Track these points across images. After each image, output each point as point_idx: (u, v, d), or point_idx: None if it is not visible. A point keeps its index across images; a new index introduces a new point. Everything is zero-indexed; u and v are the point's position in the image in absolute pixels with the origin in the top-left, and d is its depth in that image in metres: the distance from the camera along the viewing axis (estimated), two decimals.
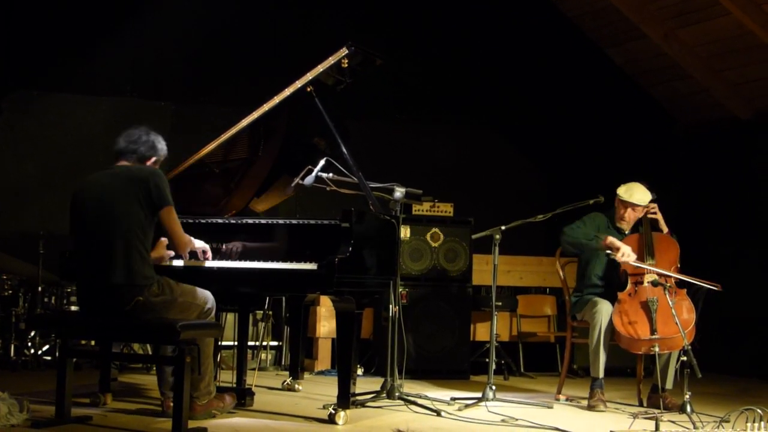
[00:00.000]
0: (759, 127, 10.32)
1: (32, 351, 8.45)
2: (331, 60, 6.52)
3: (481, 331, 9.67)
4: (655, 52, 10.33)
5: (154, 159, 5.99)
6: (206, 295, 5.93)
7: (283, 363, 9.35)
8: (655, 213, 7.55)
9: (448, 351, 9.10)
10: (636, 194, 7.44)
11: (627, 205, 7.46)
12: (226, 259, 6.29)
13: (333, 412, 6.06)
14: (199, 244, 6.12)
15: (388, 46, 8.96)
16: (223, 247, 6.35)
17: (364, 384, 7.71)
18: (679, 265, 7.38)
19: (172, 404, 5.61)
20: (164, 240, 6.06)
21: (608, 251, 7.27)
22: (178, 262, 6.17)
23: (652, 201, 7.49)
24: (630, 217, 7.51)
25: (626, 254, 7.20)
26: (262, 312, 9.08)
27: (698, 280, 7.19)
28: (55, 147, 9.81)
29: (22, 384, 7.27)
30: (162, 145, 6.03)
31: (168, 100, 10.13)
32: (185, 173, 6.72)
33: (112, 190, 5.71)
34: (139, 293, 5.62)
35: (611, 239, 7.30)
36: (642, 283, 7.23)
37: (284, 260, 6.13)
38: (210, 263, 6.23)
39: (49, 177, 9.68)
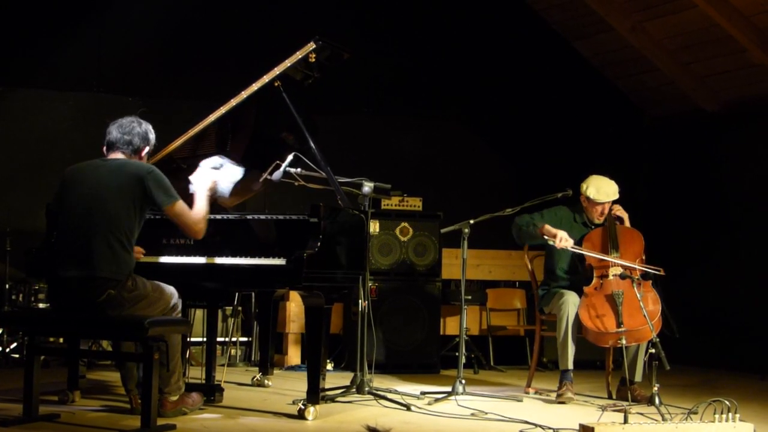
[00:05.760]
0: (725, 120, 10.38)
1: (0, 349, 8.39)
2: (298, 54, 6.51)
3: (450, 325, 9.68)
4: (622, 45, 10.37)
5: (147, 150, 5.92)
6: (171, 291, 5.91)
7: (252, 359, 9.32)
8: (620, 211, 7.56)
9: (418, 345, 9.10)
10: (603, 191, 7.44)
11: (598, 203, 7.46)
12: (195, 255, 6.26)
13: (303, 407, 6.06)
14: (203, 189, 5.98)
15: (356, 40, 8.94)
16: (191, 242, 6.32)
17: (334, 379, 7.70)
18: (644, 258, 7.42)
19: (140, 401, 5.59)
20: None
21: (546, 238, 7.29)
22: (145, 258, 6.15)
23: (614, 201, 7.54)
24: (605, 211, 7.52)
25: (563, 239, 7.22)
26: (231, 308, 9.06)
27: (643, 266, 7.23)
28: (21, 143, 9.74)
29: None
30: (153, 135, 5.95)
31: (135, 95, 10.06)
32: None
33: (107, 186, 5.64)
34: (113, 286, 5.57)
35: (547, 227, 7.33)
36: (607, 276, 7.25)
37: (253, 255, 6.11)
38: (178, 259, 6.21)
39: (15, 173, 9.62)
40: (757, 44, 9.38)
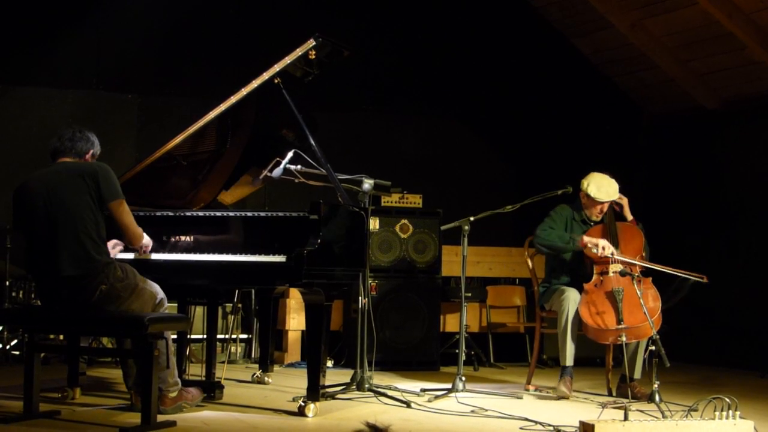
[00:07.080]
0: (725, 117, 10.38)
1: (0, 346, 8.39)
2: (298, 52, 6.50)
3: (450, 322, 9.68)
4: (622, 42, 10.37)
5: (92, 152, 5.99)
6: (156, 286, 5.94)
7: (252, 356, 9.31)
8: (620, 199, 7.56)
9: (418, 342, 9.10)
10: (604, 190, 7.42)
11: (598, 202, 7.46)
12: (195, 252, 6.26)
13: (303, 404, 6.06)
14: (146, 240, 6.08)
15: (356, 37, 8.94)
16: (191, 239, 6.32)
17: (334, 376, 7.71)
18: (644, 254, 7.42)
19: (139, 398, 5.59)
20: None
21: (589, 246, 7.25)
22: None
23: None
24: (604, 209, 7.52)
25: (606, 247, 7.21)
26: (231, 305, 9.05)
27: (684, 272, 7.20)
28: (21, 141, 9.71)
29: None
30: (96, 139, 6.05)
31: (134, 93, 10.04)
32: (152, 166, 6.67)
33: (59, 183, 5.73)
34: (103, 281, 5.61)
35: (587, 239, 7.30)
36: (607, 273, 7.25)
37: (253, 252, 6.11)
38: (179, 256, 6.21)
39: (15, 171, 9.57)
40: (756, 41, 9.38)
